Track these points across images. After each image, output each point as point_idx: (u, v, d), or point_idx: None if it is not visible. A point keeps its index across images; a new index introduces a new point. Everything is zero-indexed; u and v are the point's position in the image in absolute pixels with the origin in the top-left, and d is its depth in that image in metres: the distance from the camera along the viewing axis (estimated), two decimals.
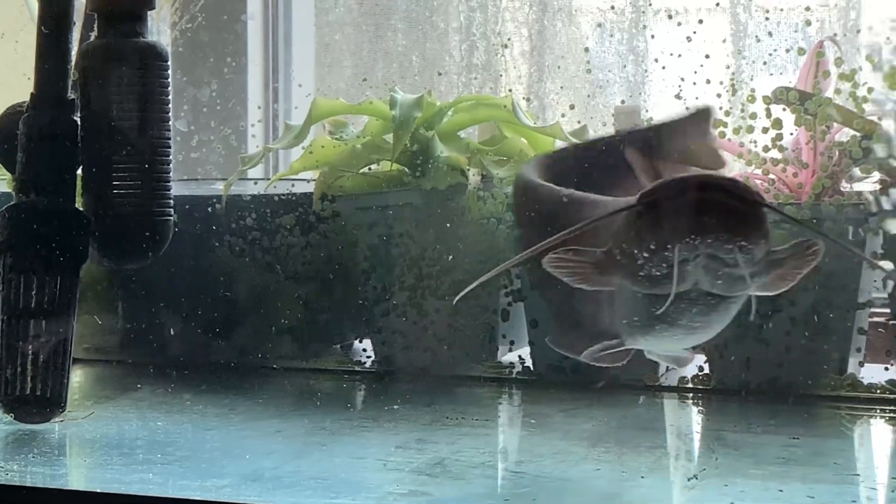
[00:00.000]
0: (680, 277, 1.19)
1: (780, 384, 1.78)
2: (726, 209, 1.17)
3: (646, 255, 1.21)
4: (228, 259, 2.05)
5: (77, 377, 1.98)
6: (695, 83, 1.90)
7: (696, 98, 1.88)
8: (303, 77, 2.71)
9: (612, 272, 1.27)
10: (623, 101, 2.12)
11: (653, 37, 2.18)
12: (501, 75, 2.37)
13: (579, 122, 2.04)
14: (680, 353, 1.50)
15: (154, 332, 2.08)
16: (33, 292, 1.62)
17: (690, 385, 1.86)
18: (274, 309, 2.05)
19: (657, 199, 1.21)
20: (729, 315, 1.28)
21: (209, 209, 2.04)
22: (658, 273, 1.21)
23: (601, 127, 2.11)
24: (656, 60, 2.06)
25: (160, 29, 2.66)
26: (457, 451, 1.49)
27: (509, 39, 2.37)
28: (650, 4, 2.20)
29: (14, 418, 1.62)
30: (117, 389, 1.95)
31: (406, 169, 1.99)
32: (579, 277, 1.29)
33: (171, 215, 1.71)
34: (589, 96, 2.20)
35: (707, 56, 1.92)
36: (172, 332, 2.08)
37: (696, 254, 1.18)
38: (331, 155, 2.03)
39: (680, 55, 1.98)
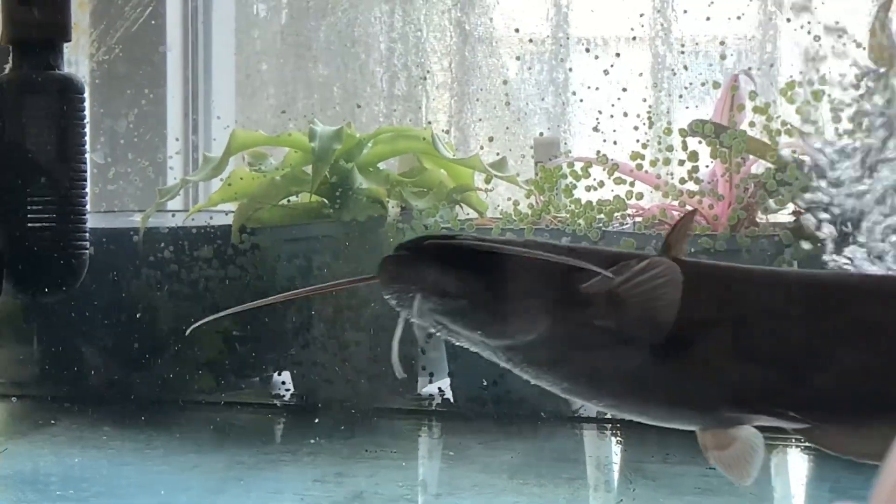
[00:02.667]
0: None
1: None
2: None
3: None
4: (146, 292, 2.03)
5: None
6: (612, 116, 1.92)
7: (614, 131, 1.89)
8: (224, 108, 2.69)
9: None
10: (542, 133, 2.13)
11: (570, 69, 2.20)
12: (420, 107, 2.37)
13: (498, 153, 2.05)
14: None
15: (71, 367, 2.05)
16: None
17: (609, 416, 1.86)
18: (192, 342, 2.03)
19: None
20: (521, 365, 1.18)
21: (127, 242, 2.02)
22: None
23: (521, 158, 2.12)
24: (574, 93, 2.08)
25: (78, 60, 2.63)
26: (376, 483, 1.49)
27: (428, 71, 2.38)
28: (567, 37, 2.21)
29: None
30: (32, 425, 1.92)
31: (325, 201, 1.99)
32: None
33: (86, 248, 1.69)
34: (508, 128, 2.21)
35: (624, 89, 1.94)
36: (90, 367, 2.05)
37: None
38: (250, 187, 2.02)
39: (598, 88, 2.00)
